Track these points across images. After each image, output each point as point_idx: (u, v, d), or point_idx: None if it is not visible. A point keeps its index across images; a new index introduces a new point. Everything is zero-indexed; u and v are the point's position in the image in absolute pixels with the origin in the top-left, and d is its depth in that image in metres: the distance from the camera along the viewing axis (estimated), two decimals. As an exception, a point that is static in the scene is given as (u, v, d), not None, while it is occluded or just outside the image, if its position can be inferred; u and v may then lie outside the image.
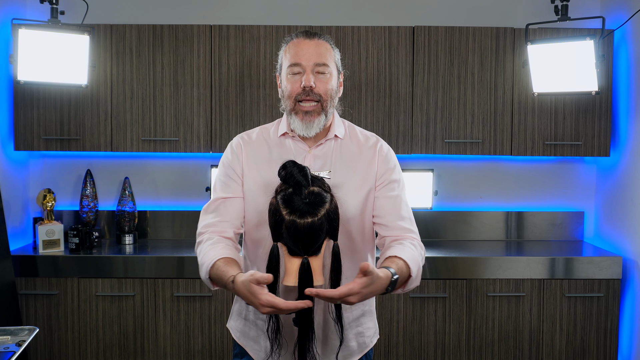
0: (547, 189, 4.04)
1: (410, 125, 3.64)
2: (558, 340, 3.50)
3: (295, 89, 1.89)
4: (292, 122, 1.92)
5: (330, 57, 1.90)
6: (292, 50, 1.90)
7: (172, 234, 4.00)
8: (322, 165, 1.95)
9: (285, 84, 1.92)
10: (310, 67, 1.87)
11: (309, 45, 1.88)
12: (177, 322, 3.45)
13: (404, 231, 1.92)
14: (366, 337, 2.07)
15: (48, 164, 3.96)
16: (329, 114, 1.92)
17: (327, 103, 1.90)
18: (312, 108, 1.89)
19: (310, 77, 1.86)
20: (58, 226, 3.57)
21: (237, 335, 2.07)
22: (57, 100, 3.60)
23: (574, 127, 3.67)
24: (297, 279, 1.72)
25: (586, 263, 3.46)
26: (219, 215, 1.92)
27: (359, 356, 2.05)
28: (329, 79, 1.90)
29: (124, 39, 3.60)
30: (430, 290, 3.46)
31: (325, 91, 1.89)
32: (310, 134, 1.91)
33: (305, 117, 1.89)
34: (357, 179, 1.94)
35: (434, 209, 3.97)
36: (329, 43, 1.93)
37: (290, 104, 1.91)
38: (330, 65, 1.90)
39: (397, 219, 1.92)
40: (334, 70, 1.92)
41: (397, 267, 1.74)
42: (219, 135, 3.62)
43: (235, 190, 1.96)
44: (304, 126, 1.89)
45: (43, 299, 3.43)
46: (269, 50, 3.60)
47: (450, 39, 3.63)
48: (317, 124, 1.90)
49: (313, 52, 1.87)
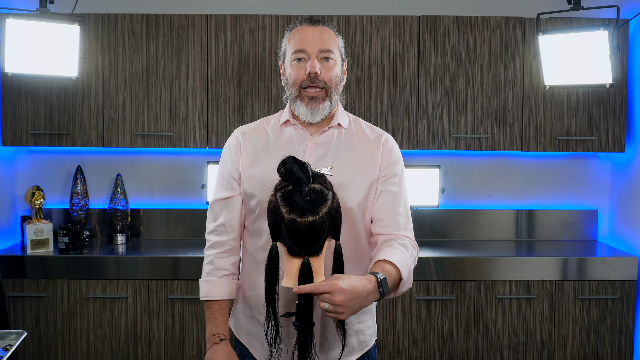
0: (559, 186, 4.03)
1: (416, 119, 3.64)
2: (571, 344, 3.49)
3: (300, 75, 1.94)
4: (297, 108, 1.97)
5: (334, 44, 1.96)
6: (297, 37, 1.95)
7: (166, 234, 4.00)
8: (324, 153, 1.99)
9: (289, 71, 1.97)
10: (315, 53, 1.92)
11: (313, 31, 1.94)
12: (171, 325, 3.45)
13: (398, 229, 1.96)
14: (366, 335, 2.09)
15: (37, 160, 3.96)
16: (334, 101, 1.98)
17: (332, 90, 1.96)
18: (316, 94, 1.94)
19: (315, 63, 1.91)
20: (47, 225, 3.56)
21: (238, 332, 2.12)
22: (46, 94, 3.59)
23: (587, 122, 3.66)
24: (297, 280, 1.72)
25: (600, 264, 3.46)
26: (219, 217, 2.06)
27: (359, 354, 2.07)
28: (334, 65, 1.95)
29: (116, 29, 3.59)
30: (436, 292, 3.45)
31: (330, 78, 1.94)
32: (316, 120, 1.97)
33: (310, 103, 1.94)
34: (360, 168, 1.98)
35: (441, 207, 3.97)
36: (333, 30, 1.98)
37: (295, 90, 1.96)
38: (334, 52, 1.95)
39: (394, 215, 1.97)
40: (338, 58, 1.98)
41: (384, 272, 1.77)
42: (215, 130, 3.62)
43: (235, 189, 2.05)
44: (309, 112, 1.95)
45: (31, 302, 3.42)
46: (268, 40, 3.59)
47: (458, 29, 3.62)
48: (322, 110, 1.95)
49: (317, 39, 1.93)
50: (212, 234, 2.07)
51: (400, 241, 1.91)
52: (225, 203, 2.04)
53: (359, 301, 1.68)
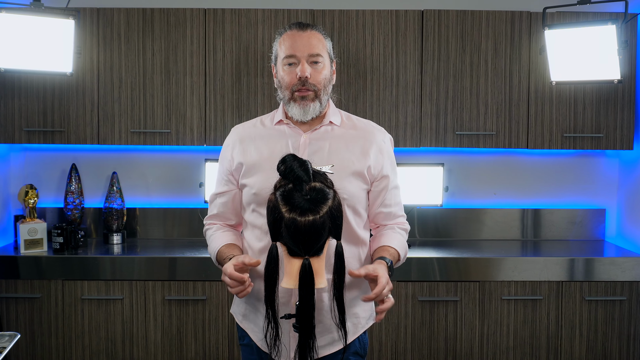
0: (566, 185, 4.03)
1: (419, 116, 3.63)
2: (578, 346, 3.49)
3: (291, 79, 2.08)
4: (290, 109, 2.11)
5: (323, 48, 2.10)
6: (287, 42, 2.09)
7: (163, 233, 3.99)
8: (318, 148, 2.09)
9: (281, 74, 2.11)
10: (305, 57, 2.06)
11: (302, 37, 2.08)
12: (168, 327, 3.44)
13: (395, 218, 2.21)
14: (361, 318, 2.16)
15: (30, 158, 3.95)
16: (324, 102, 2.11)
17: (321, 92, 2.09)
18: (307, 94, 2.08)
19: (305, 68, 2.05)
20: (41, 225, 3.56)
21: (239, 319, 2.21)
22: (40, 90, 3.59)
23: (595, 118, 3.65)
24: (297, 281, 1.71)
25: (608, 264, 3.45)
26: (223, 206, 2.21)
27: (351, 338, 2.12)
28: (323, 68, 2.09)
29: (111, 23, 3.58)
30: (440, 293, 3.45)
31: (319, 80, 2.08)
32: (307, 118, 2.10)
33: (302, 102, 2.08)
34: (352, 165, 2.08)
35: (445, 206, 3.96)
36: (321, 33, 2.13)
37: (288, 93, 2.09)
38: (323, 55, 2.10)
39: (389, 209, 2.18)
40: (327, 60, 2.12)
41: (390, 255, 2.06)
42: (213, 127, 3.61)
43: (234, 185, 2.18)
44: (301, 110, 2.08)
45: (25, 303, 3.42)
46: (267, 35, 3.58)
47: (462, 23, 3.61)
48: (312, 109, 2.09)
49: (306, 44, 2.07)
50: (212, 218, 2.23)
51: (399, 226, 2.20)
52: (223, 196, 2.19)
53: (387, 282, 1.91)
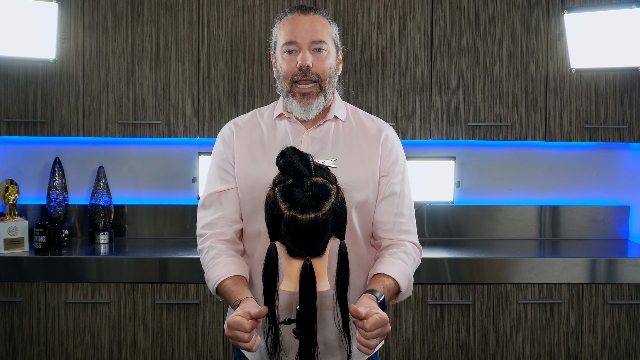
0: (587, 180, 4.02)
1: (429, 106, 3.63)
2: (599, 354, 3.48)
3: (291, 68, 1.99)
4: (289, 104, 2.03)
5: (327, 33, 2.01)
6: (287, 28, 2.00)
7: (153, 232, 3.99)
8: (321, 148, 2.04)
9: (280, 63, 2.02)
10: (307, 44, 1.98)
11: (304, 21, 1.99)
12: (159, 333, 3.44)
13: (401, 233, 2.06)
14: None
15: (10, 151, 3.95)
16: (329, 95, 2.03)
17: (326, 83, 2.01)
18: (309, 90, 1.99)
19: (306, 56, 1.97)
20: (22, 223, 3.56)
21: None
22: (21, 78, 3.58)
23: (618, 109, 3.64)
24: (297, 283, 1.71)
25: (632, 265, 3.45)
26: (217, 210, 2.06)
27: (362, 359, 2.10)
28: (327, 56, 2.01)
29: (97, 6, 3.58)
30: (451, 296, 3.44)
31: (323, 70, 1.99)
32: (309, 117, 2.02)
33: (303, 100, 1.99)
34: (359, 164, 2.03)
35: (456, 203, 3.96)
36: (325, 18, 2.04)
37: (287, 85, 2.01)
38: (327, 42, 2.01)
39: (397, 218, 2.06)
40: (332, 47, 2.03)
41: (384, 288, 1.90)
42: (207, 118, 3.60)
43: (231, 182, 2.08)
44: (302, 109, 2.00)
45: (4, 307, 3.42)
46: (265, 19, 3.57)
47: (475, 6, 3.60)
48: (315, 106, 2.00)
49: (309, 29, 1.98)
50: (207, 227, 2.06)
51: (403, 248, 2.02)
52: (222, 195, 2.07)
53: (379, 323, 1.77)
